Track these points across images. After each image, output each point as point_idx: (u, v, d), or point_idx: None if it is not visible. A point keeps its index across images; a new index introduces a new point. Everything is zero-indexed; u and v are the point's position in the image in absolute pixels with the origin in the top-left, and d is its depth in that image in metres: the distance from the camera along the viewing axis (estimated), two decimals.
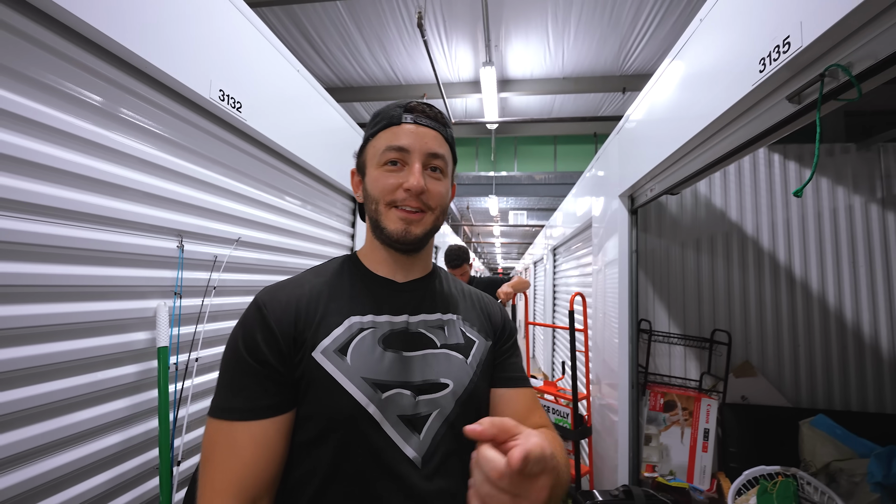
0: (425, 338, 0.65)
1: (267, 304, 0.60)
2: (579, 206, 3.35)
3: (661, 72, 1.59)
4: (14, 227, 0.80)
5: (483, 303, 0.77)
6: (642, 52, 4.92)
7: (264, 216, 1.57)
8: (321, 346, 0.59)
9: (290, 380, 0.58)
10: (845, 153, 2.32)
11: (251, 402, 0.55)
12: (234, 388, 0.57)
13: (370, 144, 0.66)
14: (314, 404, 0.57)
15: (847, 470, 1.72)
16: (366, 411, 0.57)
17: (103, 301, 0.99)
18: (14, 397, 0.81)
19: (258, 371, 0.56)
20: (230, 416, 0.55)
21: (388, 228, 0.63)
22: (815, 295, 2.27)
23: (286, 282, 0.65)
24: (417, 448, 0.59)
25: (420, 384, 0.61)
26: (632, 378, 2.06)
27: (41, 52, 0.84)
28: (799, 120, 0.96)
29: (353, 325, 0.61)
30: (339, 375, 0.57)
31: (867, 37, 0.75)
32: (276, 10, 4.09)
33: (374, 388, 0.58)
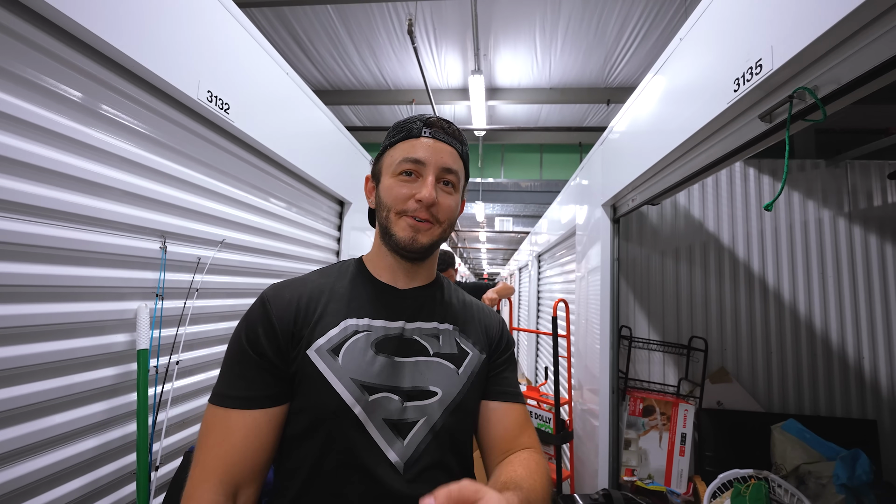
0: (418, 345, 0.66)
1: (271, 299, 0.63)
2: (564, 214, 3.41)
3: (644, 86, 1.64)
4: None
5: (482, 315, 0.78)
6: (626, 65, 5.06)
7: (250, 218, 1.56)
8: (316, 345, 0.61)
9: (286, 374, 0.61)
10: (815, 169, 2.43)
11: (248, 391, 0.58)
12: (233, 377, 0.60)
13: (387, 154, 0.69)
14: (304, 399, 0.60)
15: (815, 472, 1.78)
16: (351, 411, 0.59)
17: (82, 302, 0.97)
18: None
19: (257, 363, 0.59)
20: (227, 402, 0.58)
21: (396, 235, 0.65)
22: (787, 304, 2.37)
23: (292, 280, 0.68)
24: (400, 453, 0.60)
25: (409, 390, 0.62)
26: (612, 383, 2.10)
27: (23, 47, 0.82)
28: (770, 137, 1.01)
29: (349, 327, 0.64)
30: (329, 374, 0.60)
31: (832, 62, 0.80)
32: (265, 12, 4.07)
33: (361, 390, 0.60)
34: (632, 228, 2.50)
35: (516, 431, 0.69)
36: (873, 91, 0.79)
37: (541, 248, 4.86)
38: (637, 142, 1.71)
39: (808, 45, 0.78)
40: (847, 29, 0.73)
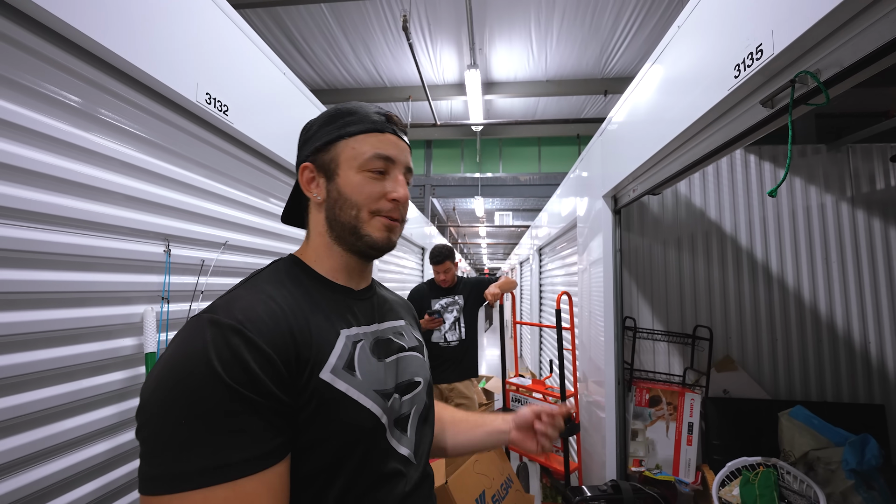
0: (395, 343, 0.68)
1: (247, 324, 0.48)
2: (564, 206, 3.41)
3: (642, 76, 1.63)
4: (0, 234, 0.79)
5: (409, 306, 0.84)
6: (623, 55, 5.04)
7: (251, 219, 1.56)
8: (329, 365, 0.53)
9: (293, 410, 0.49)
10: (816, 154, 2.42)
11: (258, 447, 0.44)
12: (224, 438, 0.43)
13: (346, 144, 0.61)
14: (326, 428, 0.51)
15: (824, 458, 1.79)
16: (381, 422, 0.57)
17: (89, 307, 0.97)
18: (1, 406, 0.79)
19: (259, 405, 0.45)
20: (233, 473, 0.42)
21: (372, 236, 0.61)
22: (791, 290, 2.36)
23: (244, 297, 0.53)
24: (409, 445, 0.62)
25: (403, 385, 0.65)
26: (618, 375, 2.10)
27: (22, 53, 0.82)
28: (772, 123, 1.00)
29: (349, 338, 0.59)
30: (353, 392, 0.54)
31: (833, 45, 0.79)
32: (259, 13, 4.05)
33: (383, 398, 0.59)
34: (633, 219, 2.50)
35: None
36: (877, 73, 0.78)
37: (541, 242, 4.86)
38: (636, 132, 1.70)
39: (809, 28, 0.77)
40: (849, 11, 0.73)
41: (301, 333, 0.52)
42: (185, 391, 0.43)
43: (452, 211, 11.57)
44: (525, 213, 11.73)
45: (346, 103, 0.66)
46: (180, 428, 0.42)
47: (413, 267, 4.96)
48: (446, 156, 7.98)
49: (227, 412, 0.43)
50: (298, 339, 0.52)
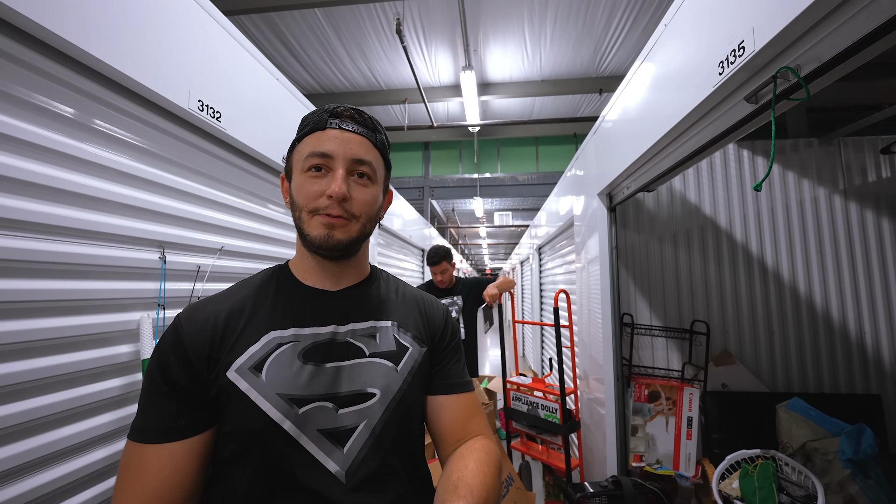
0: (353, 347, 0.64)
1: (184, 322, 0.59)
2: (561, 205, 3.42)
3: (632, 74, 1.65)
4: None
5: (424, 306, 0.76)
6: (617, 54, 5.06)
7: (247, 224, 1.57)
8: (236, 365, 0.58)
9: (204, 400, 0.57)
10: (809, 147, 2.44)
11: (161, 423, 0.55)
12: (147, 410, 0.56)
13: (296, 150, 0.64)
14: (231, 422, 0.57)
15: (821, 449, 1.80)
16: (280, 427, 0.56)
17: (84, 315, 0.98)
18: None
19: (169, 393, 0.56)
20: (141, 437, 0.55)
21: (310, 235, 0.61)
22: (787, 283, 2.37)
23: (210, 298, 0.64)
24: (341, 462, 0.58)
25: (345, 395, 0.60)
26: (616, 371, 2.11)
27: (15, 66, 0.83)
28: (758, 118, 1.02)
29: (272, 341, 0.60)
30: (252, 393, 0.57)
31: (812, 41, 0.80)
32: (253, 19, 4.08)
33: (289, 404, 0.57)
34: (629, 216, 2.51)
35: (464, 421, 0.69)
36: (855, 68, 0.79)
37: (541, 241, 4.87)
38: (629, 129, 1.71)
39: (787, 24, 0.79)
40: (825, 7, 0.74)
41: (225, 333, 0.60)
42: (147, 369, 0.59)
43: (452, 212, 11.59)
44: (524, 213, 11.74)
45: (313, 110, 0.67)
46: (140, 396, 0.58)
47: (413, 269, 4.97)
48: (444, 157, 8.00)
49: (150, 390, 0.57)
50: (220, 338, 0.59)
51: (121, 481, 0.54)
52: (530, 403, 2.49)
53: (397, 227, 3.92)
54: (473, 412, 0.71)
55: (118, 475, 0.55)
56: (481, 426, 0.71)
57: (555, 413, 2.35)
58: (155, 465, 0.54)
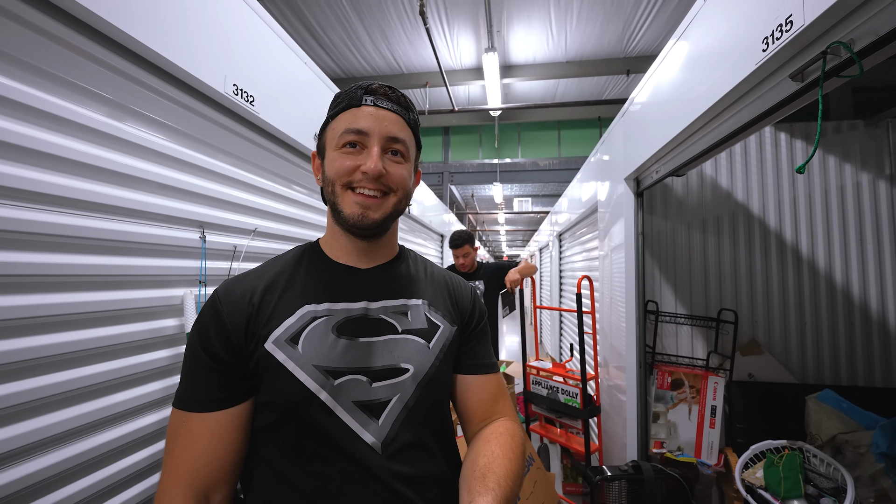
0: (385, 323, 0.65)
1: (222, 297, 0.62)
2: (584, 190, 3.36)
3: (666, 53, 1.59)
4: (47, 220, 0.84)
5: (452, 287, 0.77)
6: (646, 33, 4.86)
7: (277, 206, 1.62)
8: (273, 336, 0.60)
9: (244, 372, 0.60)
10: (853, 130, 2.31)
11: (205, 394, 0.58)
12: (191, 380, 0.59)
13: (330, 127, 0.65)
14: (269, 392, 0.59)
15: (852, 442, 1.76)
16: (317, 398, 0.58)
17: (133, 290, 1.04)
18: (53, 381, 0.86)
19: (210, 365, 0.59)
20: (187, 406, 0.58)
21: (344, 212, 0.62)
22: (822, 272, 2.29)
23: (244, 274, 0.67)
24: (376, 434, 0.60)
25: (378, 370, 0.62)
26: (639, 358, 2.10)
27: (62, 49, 0.86)
28: (802, 98, 0.97)
29: (307, 314, 0.62)
30: (289, 364, 0.59)
31: (868, 13, 0.76)
32: (277, 3, 4.09)
33: (325, 375, 0.59)
34: (656, 201, 2.45)
35: (491, 402, 0.72)
36: None
37: (561, 227, 4.81)
38: (660, 112, 1.66)
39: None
40: None
41: (261, 307, 0.62)
42: (188, 342, 0.62)
43: (471, 198, 11.53)
44: (544, 199, 11.58)
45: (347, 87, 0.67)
46: (183, 366, 0.61)
47: (433, 254, 5.00)
48: (464, 142, 7.93)
49: (194, 364, 0.60)
50: (256, 311, 0.61)
51: (171, 448, 0.57)
52: (550, 388, 2.51)
53: (417, 213, 3.94)
54: (500, 393, 0.74)
55: (168, 442, 0.58)
56: (507, 407, 0.73)
57: (575, 397, 2.36)
58: (203, 434, 0.57)
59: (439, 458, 0.66)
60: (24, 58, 0.80)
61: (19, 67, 0.80)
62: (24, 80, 0.81)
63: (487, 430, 0.68)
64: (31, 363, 0.83)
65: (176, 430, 0.58)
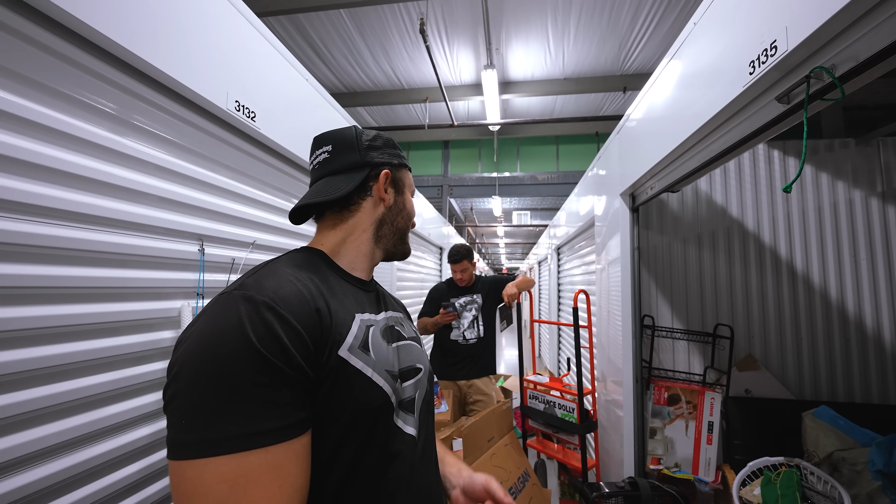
0: (396, 331, 0.73)
1: (280, 303, 0.51)
2: (582, 205, 3.39)
3: (659, 73, 1.63)
4: (48, 233, 0.86)
5: (402, 303, 0.90)
6: (642, 51, 4.96)
7: (275, 219, 1.64)
8: (346, 344, 0.57)
9: (316, 384, 0.53)
10: (844, 148, 2.35)
11: (287, 417, 0.48)
12: (255, 407, 0.46)
13: (406, 173, 0.80)
14: (342, 402, 0.55)
15: (849, 459, 1.75)
16: (391, 401, 0.61)
17: (131, 302, 1.04)
18: (49, 392, 0.86)
19: (290, 378, 0.49)
20: (263, 440, 0.45)
21: (407, 245, 0.80)
22: (817, 288, 2.30)
23: (270, 278, 0.56)
24: (414, 426, 0.66)
25: (406, 370, 0.69)
26: (636, 373, 2.10)
27: (66, 66, 0.89)
28: (789, 119, 1.00)
29: (363, 322, 0.63)
30: (367, 370, 0.58)
31: (848, 40, 0.79)
32: (281, 20, 4.18)
33: (392, 379, 0.63)
34: (652, 217, 2.48)
35: None
36: (893, 67, 0.78)
37: (560, 241, 4.83)
38: (654, 128, 1.70)
39: (823, 23, 0.78)
40: (863, 5, 0.73)
41: (323, 314, 0.56)
42: (222, 362, 0.46)
43: (470, 211, 11.59)
44: (543, 213, 11.65)
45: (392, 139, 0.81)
46: (216, 397, 0.45)
47: (431, 267, 5.01)
48: (464, 156, 8.01)
49: (260, 384, 0.46)
50: (323, 317, 0.55)
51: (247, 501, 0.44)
52: (547, 402, 2.49)
53: (416, 226, 3.96)
54: None
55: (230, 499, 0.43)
56: None
57: (572, 412, 2.35)
58: (294, 465, 0.48)
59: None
60: (28, 74, 0.82)
61: (23, 83, 0.82)
62: (28, 96, 0.83)
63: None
64: (28, 374, 0.83)
65: (247, 478, 0.44)
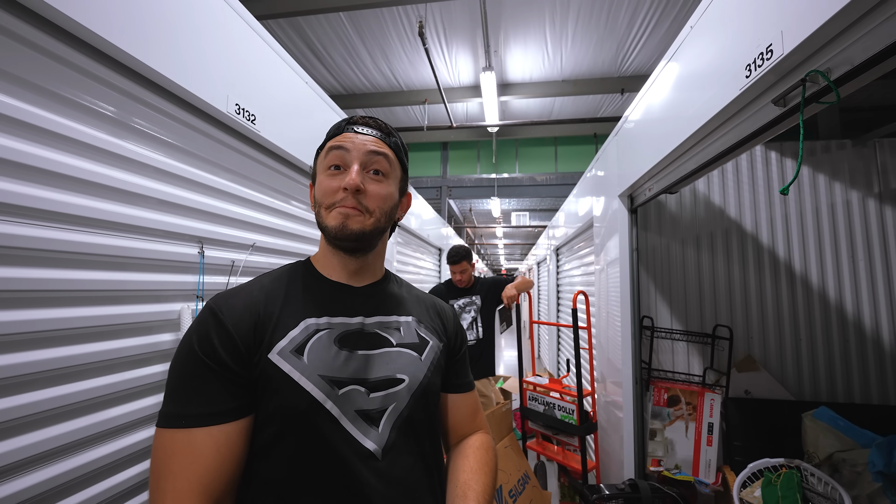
0: (380, 337, 0.69)
1: (222, 308, 0.61)
2: (580, 206, 3.40)
3: (657, 75, 1.64)
4: (47, 236, 0.86)
5: (437, 308, 0.83)
6: (639, 53, 4.98)
7: (275, 221, 1.64)
8: (277, 348, 0.61)
9: (248, 382, 0.59)
10: (841, 149, 2.37)
11: (211, 406, 0.56)
12: (190, 394, 0.56)
13: (323, 153, 0.70)
14: (272, 404, 0.59)
15: (849, 460, 1.75)
16: (323, 407, 0.59)
17: (131, 304, 1.04)
18: (49, 395, 0.86)
19: (218, 374, 0.57)
20: (188, 423, 0.54)
21: (328, 226, 0.66)
22: (816, 289, 2.31)
23: (239, 288, 0.67)
24: (377, 440, 0.62)
25: (376, 381, 0.65)
26: (635, 374, 2.10)
27: (66, 69, 0.89)
28: (786, 121, 1.01)
29: (310, 326, 0.64)
30: (295, 374, 0.60)
31: (843, 44, 0.80)
32: (281, 23, 4.19)
33: (330, 385, 0.61)
34: (650, 218, 2.49)
35: (470, 417, 0.79)
36: (889, 70, 0.79)
37: (558, 242, 4.84)
38: (652, 130, 1.71)
39: (818, 27, 0.79)
40: (857, 10, 0.74)
41: (264, 319, 0.62)
42: (178, 356, 0.59)
43: (469, 212, 11.61)
44: (542, 214, 11.66)
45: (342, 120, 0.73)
46: (171, 382, 0.58)
47: (430, 268, 5.01)
48: (462, 157, 8.02)
49: (193, 375, 0.57)
50: (261, 323, 0.62)
51: (168, 470, 0.53)
52: (547, 404, 2.50)
53: (415, 227, 3.96)
54: (477, 408, 0.82)
55: (161, 464, 0.53)
56: (482, 422, 0.82)
57: (571, 414, 2.35)
58: (210, 448, 0.54)
59: (430, 464, 0.69)
60: (28, 77, 0.82)
61: (23, 87, 0.82)
62: (28, 100, 0.83)
63: (465, 445, 0.76)
64: (28, 378, 0.83)
65: (174, 450, 0.53)
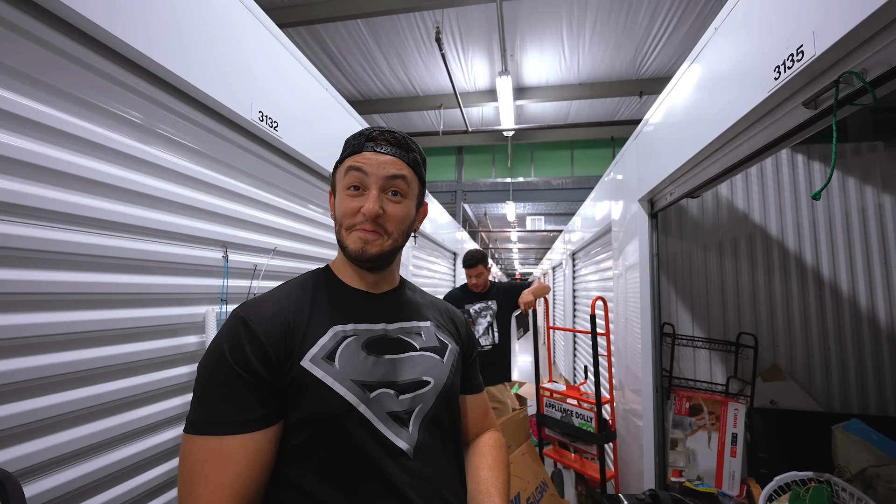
0: (404, 342, 0.72)
1: (252, 317, 0.62)
2: (598, 210, 3.36)
3: (679, 77, 1.62)
4: (77, 240, 0.88)
5: (450, 314, 0.86)
6: (658, 56, 4.91)
7: (295, 226, 1.67)
8: (309, 355, 0.62)
9: (279, 390, 0.60)
10: (873, 152, 2.28)
11: (242, 414, 0.57)
12: (220, 403, 0.57)
13: (338, 169, 0.72)
14: (305, 410, 0.60)
15: (884, 476, 1.67)
16: (357, 410, 0.61)
17: (157, 307, 1.07)
18: (78, 396, 0.89)
19: (249, 382, 0.58)
20: (219, 430, 0.56)
21: (348, 248, 0.68)
22: (846, 296, 2.23)
23: (265, 296, 0.68)
24: (408, 440, 0.65)
25: (404, 383, 0.67)
26: (656, 382, 2.05)
27: (94, 76, 0.91)
28: (816, 124, 0.98)
29: (338, 333, 0.66)
30: (329, 380, 0.62)
31: (880, 44, 0.77)
32: (300, 31, 4.28)
33: (362, 389, 0.63)
34: (671, 222, 2.44)
35: (482, 416, 0.85)
36: None
37: (575, 246, 4.79)
38: (674, 133, 1.68)
39: (852, 28, 0.76)
40: (893, 11, 0.71)
41: (294, 327, 0.64)
42: (207, 363, 0.60)
43: (484, 216, 11.58)
44: (557, 218, 11.56)
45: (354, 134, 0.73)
46: (200, 389, 0.59)
47: (445, 272, 5.01)
48: (478, 161, 8.02)
49: (225, 384, 0.58)
50: (291, 332, 0.63)
51: (200, 477, 0.54)
52: (564, 411, 2.46)
53: (430, 231, 3.97)
54: (487, 408, 0.87)
55: (192, 471, 0.54)
56: (492, 420, 0.88)
57: (589, 421, 2.31)
58: (242, 455, 0.55)
59: (453, 461, 0.73)
60: (58, 84, 0.85)
61: (51, 93, 0.84)
62: (58, 106, 0.85)
63: (481, 443, 0.81)
64: (57, 379, 0.86)
65: (205, 456, 0.55)
